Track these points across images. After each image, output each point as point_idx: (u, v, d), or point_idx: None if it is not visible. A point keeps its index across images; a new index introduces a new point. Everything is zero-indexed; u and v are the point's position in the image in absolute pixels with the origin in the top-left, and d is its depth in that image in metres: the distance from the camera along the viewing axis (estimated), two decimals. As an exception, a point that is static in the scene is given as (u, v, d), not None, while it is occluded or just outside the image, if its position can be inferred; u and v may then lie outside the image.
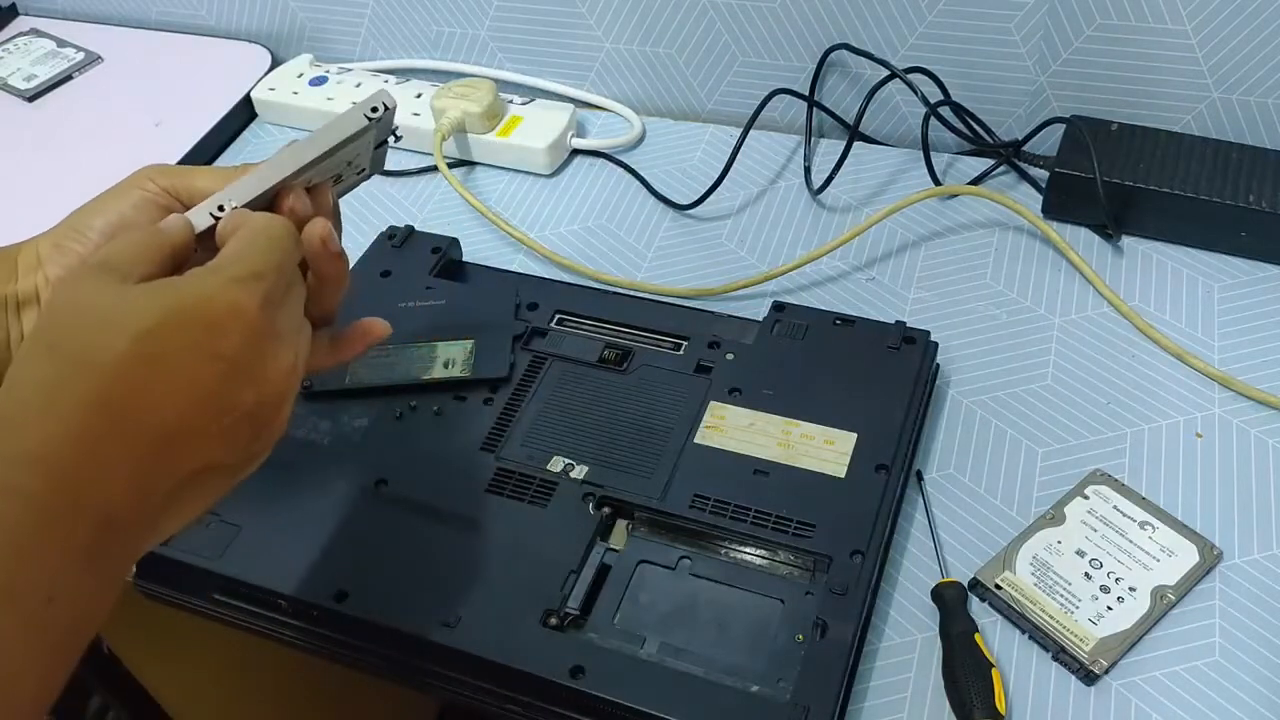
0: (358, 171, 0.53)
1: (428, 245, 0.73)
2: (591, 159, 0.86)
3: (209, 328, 0.38)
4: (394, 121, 0.51)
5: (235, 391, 0.39)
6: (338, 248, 0.48)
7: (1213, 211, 0.70)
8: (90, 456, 0.36)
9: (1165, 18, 0.72)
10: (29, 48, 1.02)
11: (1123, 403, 0.64)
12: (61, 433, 0.36)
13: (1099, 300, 0.70)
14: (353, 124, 0.48)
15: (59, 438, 0.36)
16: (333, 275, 0.48)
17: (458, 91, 0.85)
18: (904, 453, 0.59)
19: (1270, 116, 0.74)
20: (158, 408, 0.37)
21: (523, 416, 0.62)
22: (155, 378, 0.37)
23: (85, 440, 0.36)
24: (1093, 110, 0.77)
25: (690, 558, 0.56)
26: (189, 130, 0.90)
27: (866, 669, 0.54)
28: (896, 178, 0.81)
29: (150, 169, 0.52)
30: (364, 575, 0.56)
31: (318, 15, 0.97)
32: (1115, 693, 0.53)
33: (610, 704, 0.50)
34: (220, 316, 0.39)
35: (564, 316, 0.68)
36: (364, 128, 0.48)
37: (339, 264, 0.49)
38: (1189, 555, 0.56)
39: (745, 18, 0.83)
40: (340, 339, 0.51)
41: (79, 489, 0.35)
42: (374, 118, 0.48)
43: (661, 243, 0.79)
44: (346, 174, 0.52)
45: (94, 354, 0.37)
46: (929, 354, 0.64)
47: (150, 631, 0.86)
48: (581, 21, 0.88)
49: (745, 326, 0.66)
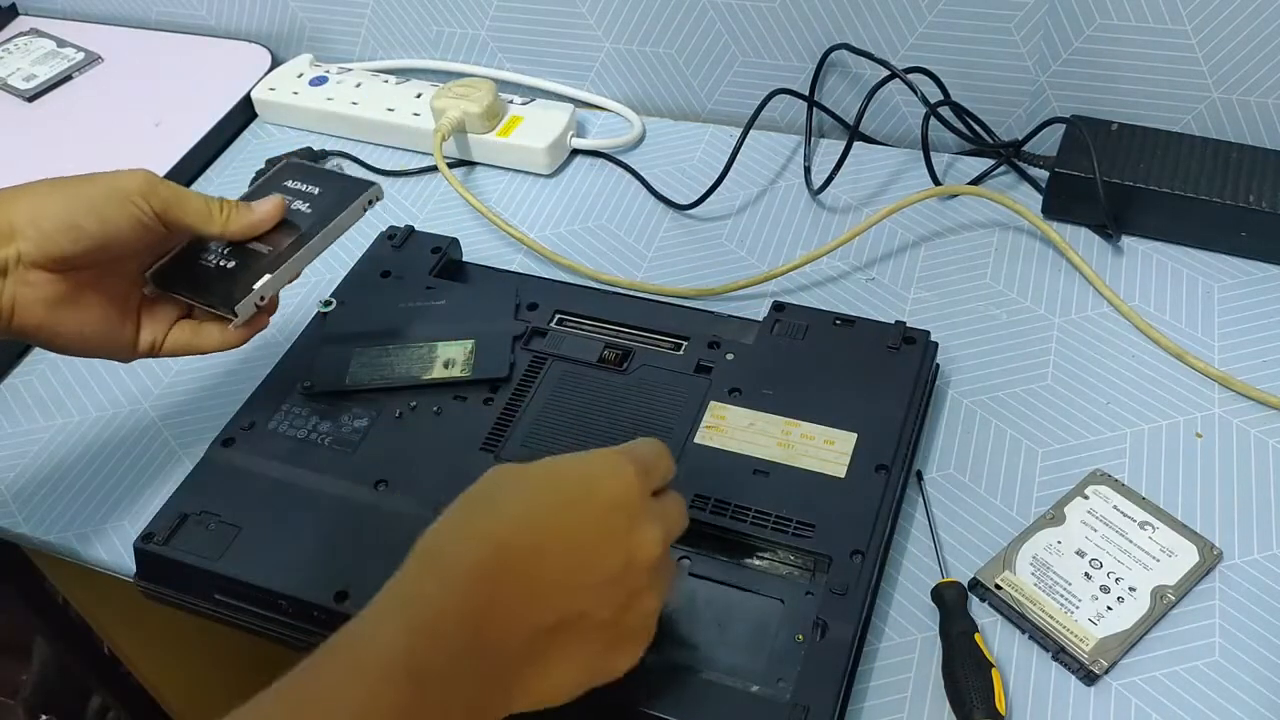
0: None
1: (428, 245, 0.73)
2: (591, 159, 0.86)
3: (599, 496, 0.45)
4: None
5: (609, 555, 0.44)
6: None
7: (1213, 211, 0.70)
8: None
9: (1165, 18, 0.72)
10: (29, 48, 1.02)
11: (1123, 403, 0.64)
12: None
13: (1099, 300, 0.70)
14: (355, 216, 0.60)
15: None
16: None
17: (458, 91, 0.85)
18: (904, 453, 0.59)
19: (1270, 116, 0.74)
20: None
21: (523, 416, 0.62)
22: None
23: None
24: (1093, 110, 0.77)
25: (690, 558, 0.56)
26: (189, 130, 0.90)
27: (866, 669, 0.54)
28: (896, 178, 0.81)
29: (144, 184, 0.53)
30: (364, 575, 0.56)
31: (318, 15, 0.97)
32: (1115, 693, 0.53)
33: (610, 704, 0.50)
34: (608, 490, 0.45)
35: (564, 316, 0.68)
36: (360, 214, 0.60)
37: None
38: (1189, 555, 0.56)
39: (745, 18, 0.83)
40: None
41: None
42: (369, 207, 0.60)
43: (661, 243, 0.79)
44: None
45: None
46: (929, 354, 0.64)
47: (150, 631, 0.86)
48: (581, 21, 0.88)
49: (745, 326, 0.66)
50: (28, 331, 0.53)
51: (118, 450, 0.69)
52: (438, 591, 0.41)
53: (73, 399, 0.73)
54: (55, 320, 0.53)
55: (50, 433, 0.71)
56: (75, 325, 0.53)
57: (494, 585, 0.41)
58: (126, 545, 0.63)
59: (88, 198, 0.52)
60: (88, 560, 0.64)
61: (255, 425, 0.63)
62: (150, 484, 0.67)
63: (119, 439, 0.70)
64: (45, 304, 0.52)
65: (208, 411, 0.70)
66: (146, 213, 0.53)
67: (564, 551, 0.43)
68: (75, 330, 0.54)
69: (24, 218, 0.51)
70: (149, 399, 0.72)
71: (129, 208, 0.52)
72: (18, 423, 0.72)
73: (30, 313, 0.52)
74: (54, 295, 0.52)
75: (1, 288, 0.51)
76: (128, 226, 0.52)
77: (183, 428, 0.70)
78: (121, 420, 0.71)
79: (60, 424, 0.71)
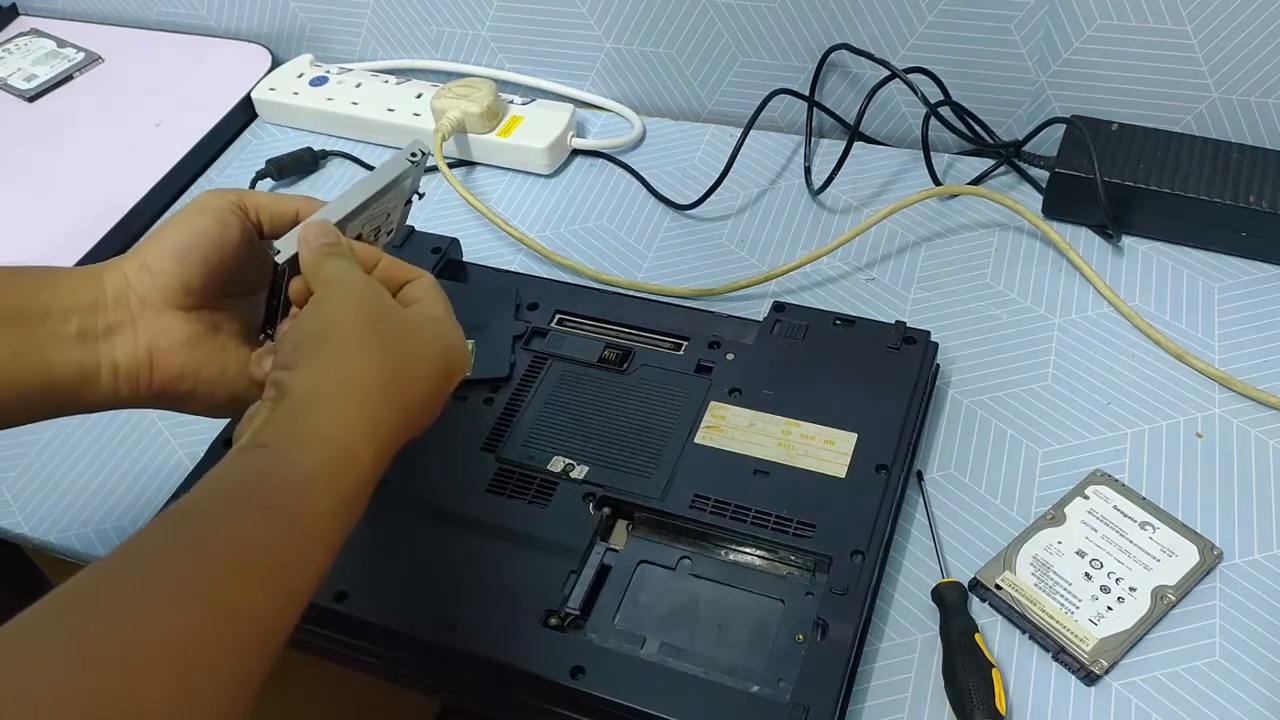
0: (388, 232, 0.57)
1: (428, 245, 0.73)
2: (592, 159, 0.86)
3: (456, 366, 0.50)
4: (422, 176, 0.57)
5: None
6: None
7: (1213, 211, 0.70)
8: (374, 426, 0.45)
9: (1165, 18, 0.72)
10: (29, 48, 1.02)
11: (1123, 403, 0.64)
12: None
13: (1099, 300, 0.70)
14: (397, 167, 0.54)
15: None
16: None
17: (458, 91, 0.85)
18: (904, 453, 0.59)
19: (1270, 116, 0.74)
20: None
21: (523, 416, 0.62)
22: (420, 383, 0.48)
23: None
24: (1093, 110, 0.77)
25: (690, 558, 0.56)
26: (189, 130, 0.90)
27: (866, 669, 0.54)
28: (897, 178, 0.81)
29: (213, 192, 0.52)
30: (364, 575, 0.56)
31: (318, 15, 0.97)
32: (1115, 693, 0.53)
33: (610, 704, 0.50)
34: (459, 355, 0.50)
35: (564, 316, 0.68)
36: (405, 170, 0.55)
37: None
38: (1189, 555, 0.56)
39: (745, 18, 0.83)
40: None
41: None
42: (414, 160, 0.55)
43: (661, 243, 0.79)
44: (382, 230, 0.57)
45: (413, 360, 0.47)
46: (929, 354, 0.64)
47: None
48: (581, 21, 0.88)
49: (745, 326, 0.66)
50: (169, 380, 0.50)
51: (118, 450, 0.69)
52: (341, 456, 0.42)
53: (73, 399, 0.72)
54: (196, 362, 0.51)
55: (50, 433, 0.71)
56: (217, 365, 0.51)
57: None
58: (126, 545, 0.63)
59: (169, 224, 0.51)
60: (88, 560, 0.64)
61: (255, 425, 0.63)
62: (150, 484, 0.67)
63: (119, 439, 0.70)
64: (182, 346, 0.50)
65: (208, 411, 0.70)
66: (224, 204, 0.51)
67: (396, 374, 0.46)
68: (218, 370, 0.51)
69: (133, 267, 0.50)
70: (149, 399, 0.72)
71: (205, 211, 0.51)
72: (18, 423, 0.72)
73: (169, 358, 0.50)
74: (189, 335, 0.50)
75: (135, 341, 0.49)
76: (215, 225, 0.51)
77: (183, 428, 0.70)
78: (121, 420, 0.71)
79: (60, 424, 0.71)
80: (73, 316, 0.49)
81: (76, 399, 0.49)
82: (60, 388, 0.48)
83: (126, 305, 0.50)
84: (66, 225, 0.83)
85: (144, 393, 0.50)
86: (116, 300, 0.50)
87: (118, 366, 0.49)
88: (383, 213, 0.56)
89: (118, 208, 0.84)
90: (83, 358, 0.49)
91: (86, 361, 0.49)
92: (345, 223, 0.52)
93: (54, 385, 0.48)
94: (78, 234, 0.82)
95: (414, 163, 0.55)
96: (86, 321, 0.49)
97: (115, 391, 0.50)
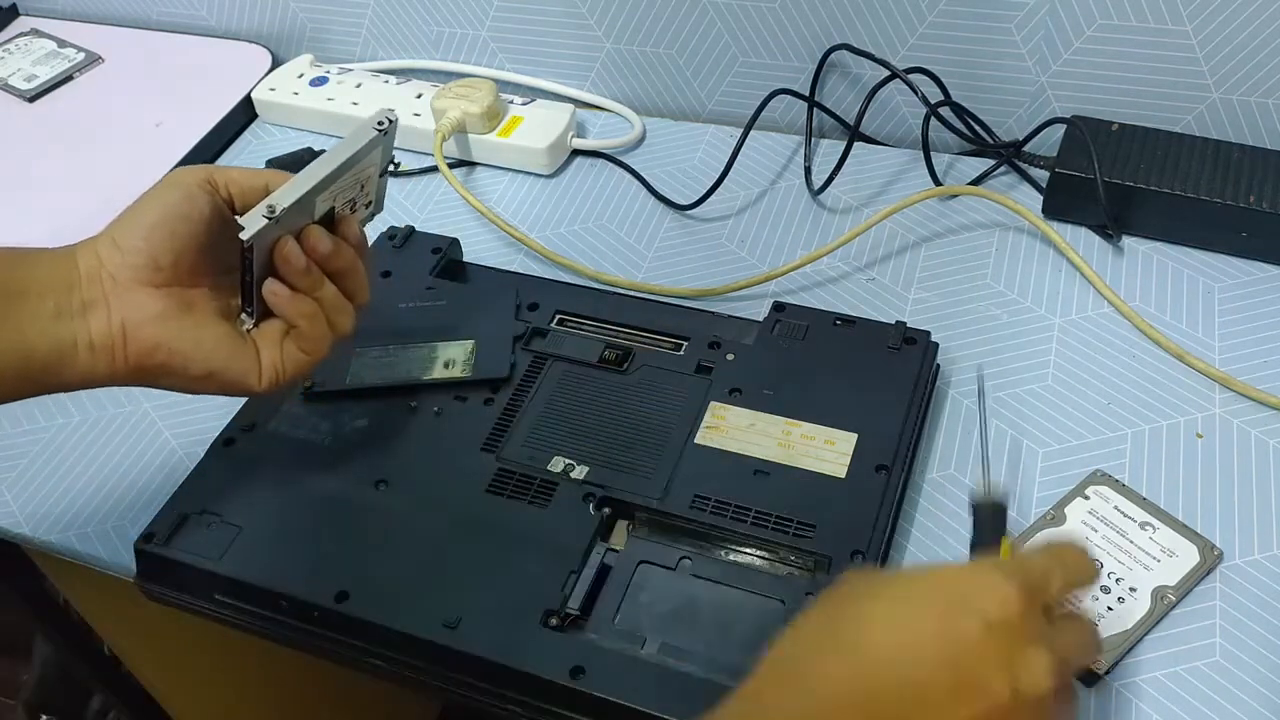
0: (366, 204, 0.57)
1: (428, 245, 0.73)
2: (592, 159, 0.86)
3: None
4: (393, 146, 0.57)
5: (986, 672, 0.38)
6: (327, 248, 0.54)
7: (1213, 211, 0.70)
8: None
9: (1165, 18, 0.72)
10: (29, 48, 1.02)
11: (1123, 403, 0.64)
12: None
13: (1099, 300, 0.70)
14: (364, 136, 0.53)
15: None
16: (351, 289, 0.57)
17: (458, 92, 0.85)
18: (904, 453, 0.59)
19: (1270, 116, 0.74)
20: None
21: (523, 417, 0.62)
22: None
23: None
24: (1093, 110, 0.77)
25: (690, 558, 0.56)
26: (189, 130, 0.90)
27: (867, 669, 0.54)
28: (897, 178, 0.81)
29: (183, 169, 0.53)
30: (364, 575, 0.56)
31: (318, 15, 0.97)
32: (1115, 693, 0.53)
33: (610, 704, 0.50)
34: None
35: (564, 316, 0.69)
36: (373, 139, 0.53)
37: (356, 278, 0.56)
38: (1189, 556, 0.56)
39: (745, 18, 0.83)
40: None
41: None
42: (381, 129, 0.54)
43: (661, 243, 0.79)
44: (359, 203, 0.56)
45: None
46: (929, 354, 0.64)
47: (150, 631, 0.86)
48: (581, 21, 0.88)
49: (745, 327, 0.66)
50: (143, 353, 0.51)
51: (118, 450, 0.69)
52: (798, 708, 0.38)
53: (73, 399, 0.72)
54: (170, 335, 0.51)
55: (50, 433, 0.71)
56: (191, 339, 0.52)
57: (858, 712, 0.38)
58: (126, 545, 0.63)
59: (141, 202, 0.52)
60: (88, 560, 0.65)
61: (256, 425, 0.63)
62: (150, 484, 0.67)
63: (119, 439, 0.70)
64: (156, 319, 0.51)
65: (208, 411, 0.70)
66: (195, 180, 0.52)
67: (934, 680, 0.38)
68: (193, 342, 0.52)
69: (104, 244, 0.51)
70: (149, 399, 0.72)
71: (176, 188, 0.52)
72: (18, 423, 0.72)
73: (143, 332, 0.51)
74: (163, 309, 0.51)
75: (109, 317, 0.50)
76: (183, 201, 0.51)
77: (183, 428, 0.70)
78: (121, 420, 0.71)
79: (60, 424, 0.71)
80: (49, 295, 0.50)
81: (56, 377, 0.50)
82: (39, 366, 0.50)
83: (99, 282, 0.50)
84: (66, 225, 0.83)
85: (120, 368, 0.51)
86: (89, 278, 0.50)
87: (93, 343, 0.50)
88: (355, 184, 0.55)
89: (118, 208, 0.84)
90: (60, 335, 0.50)
91: (64, 339, 0.50)
92: (313, 195, 0.52)
93: (33, 363, 0.49)
94: (78, 234, 0.82)
95: (381, 131, 0.54)
96: (63, 300, 0.50)
97: (92, 368, 0.51)
